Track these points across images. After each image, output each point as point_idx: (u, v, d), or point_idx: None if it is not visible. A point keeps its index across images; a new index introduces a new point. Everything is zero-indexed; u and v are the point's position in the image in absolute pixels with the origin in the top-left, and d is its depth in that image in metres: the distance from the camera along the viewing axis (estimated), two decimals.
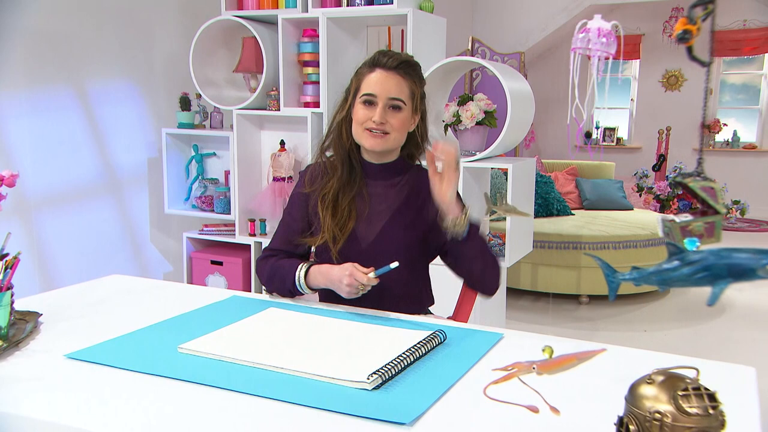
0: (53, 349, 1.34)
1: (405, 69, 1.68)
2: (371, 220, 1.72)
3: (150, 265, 3.80)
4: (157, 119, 3.68)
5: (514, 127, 2.87)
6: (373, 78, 1.66)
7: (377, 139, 1.66)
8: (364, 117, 1.66)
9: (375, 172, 1.75)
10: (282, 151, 3.32)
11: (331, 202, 1.71)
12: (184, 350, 1.34)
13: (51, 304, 1.64)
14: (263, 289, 3.32)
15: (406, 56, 1.70)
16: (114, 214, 3.53)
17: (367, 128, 1.66)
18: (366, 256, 1.68)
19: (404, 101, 1.67)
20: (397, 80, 1.66)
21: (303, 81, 3.28)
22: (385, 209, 1.72)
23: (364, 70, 1.70)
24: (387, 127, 1.66)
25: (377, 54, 1.70)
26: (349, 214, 1.70)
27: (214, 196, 3.54)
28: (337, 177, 1.73)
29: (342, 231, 1.69)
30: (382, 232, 1.70)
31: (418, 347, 1.34)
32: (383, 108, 1.65)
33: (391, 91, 1.65)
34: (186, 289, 1.92)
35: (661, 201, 5.33)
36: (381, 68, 1.67)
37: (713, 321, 4.15)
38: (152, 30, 3.59)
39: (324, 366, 1.25)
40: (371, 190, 1.74)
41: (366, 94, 1.66)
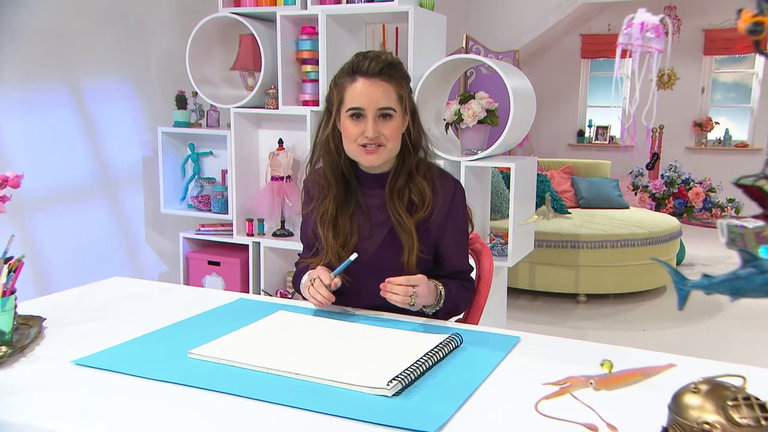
0: (59, 355, 1.30)
1: (388, 72, 1.58)
2: (372, 233, 1.66)
3: (145, 265, 3.75)
4: (152, 118, 3.63)
5: (516, 126, 2.84)
6: (357, 89, 1.56)
7: (373, 154, 1.59)
8: (356, 133, 1.58)
9: (371, 182, 1.68)
10: (280, 149, 3.28)
11: (331, 222, 1.65)
12: (194, 355, 1.31)
13: (53, 308, 1.60)
14: (262, 290, 3.30)
15: (386, 57, 1.60)
16: (109, 214, 3.48)
17: (361, 144, 1.58)
18: (369, 270, 1.62)
19: (394, 108, 1.58)
20: (382, 88, 1.56)
21: (302, 79, 3.24)
22: (386, 220, 1.65)
23: (344, 81, 1.59)
24: (381, 139, 1.58)
25: (355, 59, 1.60)
26: (350, 231, 1.65)
27: (211, 195, 3.49)
28: (333, 195, 1.66)
29: (345, 248, 1.64)
30: (384, 243, 1.65)
31: (436, 351, 1.31)
32: (374, 120, 1.56)
33: (380, 101, 1.56)
34: (191, 291, 1.88)
35: (657, 200, 5.33)
36: (363, 76, 1.56)
37: (711, 320, 4.15)
38: (148, 27, 3.54)
39: (341, 371, 1.22)
40: (369, 201, 1.68)
41: (352, 108, 1.57)
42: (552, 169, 5.64)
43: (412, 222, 1.62)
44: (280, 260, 3.40)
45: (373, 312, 1.61)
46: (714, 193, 5.34)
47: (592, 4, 7.57)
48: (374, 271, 1.60)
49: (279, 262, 3.40)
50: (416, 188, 1.65)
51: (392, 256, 1.63)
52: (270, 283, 3.37)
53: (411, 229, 1.61)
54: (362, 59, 1.58)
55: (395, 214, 1.63)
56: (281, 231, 3.32)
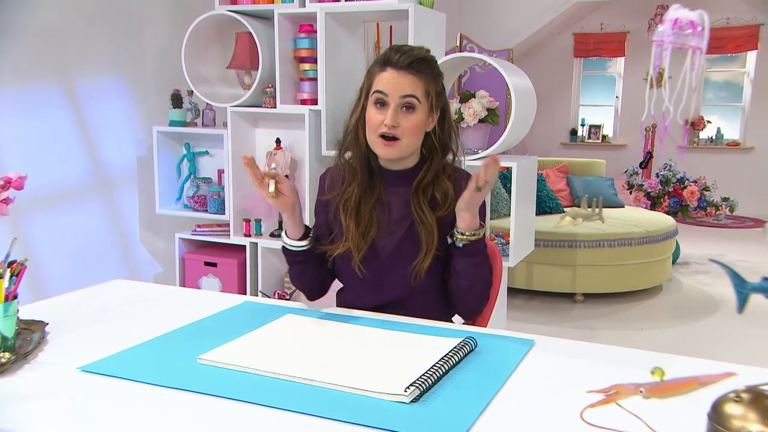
0: (64, 361, 1.26)
1: (418, 66, 1.57)
2: (391, 230, 1.65)
3: (140, 266, 3.70)
4: (147, 117, 3.58)
5: (518, 124, 2.82)
6: (384, 77, 1.57)
7: (388, 147, 1.58)
8: (377, 122, 1.57)
9: (393, 179, 1.67)
10: (278, 149, 3.24)
11: (354, 209, 1.63)
12: (204, 361, 1.27)
13: (54, 312, 1.55)
14: (259, 291, 3.26)
15: (419, 52, 1.59)
16: (103, 215, 3.43)
17: (380, 134, 1.57)
18: (385, 267, 1.63)
19: (418, 99, 1.57)
20: (409, 79, 1.56)
21: (299, 78, 3.21)
22: (405, 216, 1.64)
23: (375, 69, 1.61)
24: (398, 132, 1.56)
25: (388, 51, 1.60)
26: (370, 222, 1.63)
27: (207, 195, 3.45)
28: (358, 182, 1.65)
29: (364, 239, 1.62)
30: (401, 242, 1.63)
31: (451, 355, 1.28)
32: (395, 109, 1.55)
33: (404, 89, 1.55)
34: (194, 294, 1.84)
35: (652, 198, 5.33)
36: (392, 67, 1.57)
37: (708, 318, 4.15)
38: (142, 25, 3.49)
39: (356, 377, 1.19)
40: (390, 198, 1.66)
41: (377, 91, 1.57)
42: (547, 168, 5.63)
43: (434, 218, 1.61)
44: (278, 261, 3.37)
45: (382, 315, 1.58)
46: (709, 192, 5.35)
47: (585, 3, 7.58)
48: (392, 268, 1.60)
49: (276, 262, 3.36)
50: (440, 188, 1.64)
51: (410, 254, 1.61)
52: (267, 284, 3.33)
53: (432, 225, 1.60)
54: (394, 52, 1.58)
55: (418, 210, 1.61)
56: (279, 231, 3.29)
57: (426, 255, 1.59)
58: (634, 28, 8.40)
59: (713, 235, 6.75)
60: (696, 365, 1.26)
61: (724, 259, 5.78)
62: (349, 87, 3.22)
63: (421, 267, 1.59)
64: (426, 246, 1.59)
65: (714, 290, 4.69)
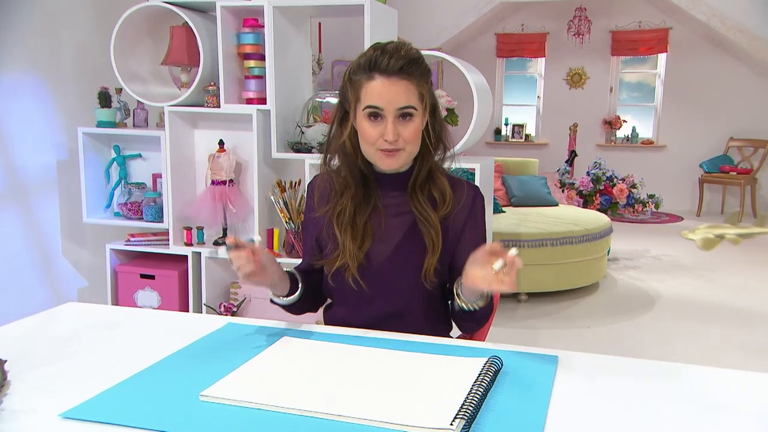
0: (39, 407, 1.06)
1: (409, 70, 1.42)
2: (386, 234, 1.53)
3: (63, 280, 3.39)
4: (68, 117, 3.28)
5: (480, 123, 2.75)
6: (375, 88, 1.41)
7: (391, 159, 1.46)
8: (374, 135, 1.43)
9: (387, 183, 1.55)
10: (221, 151, 3.03)
11: (349, 223, 1.51)
12: (207, 398, 1.10)
13: (7, 345, 1.33)
14: (204, 304, 3.03)
15: (407, 52, 1.44)
16: (19, 225, 3.11)
17: (380, 149, 1.44)
18: (380, 275, 1.51)
19: (415, 107, 1.44)
20: (403, 86, 1.41)
21: (244, 75, 3.01)
22: (401, 221, 1.53)
23: (361, 78, 1.43)
24: (400, 143, 1.44)
25: (373, 53, 1.43)
26: (365, 232, 1.51)
27: (141, 202, 3.18)
28: (351, 194, 1.52)
29: (360, 251, 1.50)
30: (399, 245, 1.52)
31: (483, 379, 1.16)
32: (393, 122, 1.42)
33: (400, 101, 1.41)
34: (166, 317, 1.63)
35: (584, 196, 5.43)
36: (382, 74, 1.41)
37: (646, 314, 4.23)
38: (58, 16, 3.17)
39: (391, 409, 1.05)
40: (385, 201, 1.55)
41: (370, 106, 1.42)
42: None
43: (436, 216, 1.51)
44: (223, 271, 3.15)
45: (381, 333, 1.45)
46: (636, 190, 5.50)
47: (507, 3, 7.66)
48: (388, 276, 1.50)
49: (221, 273, 3.15)
50: (436, 185, 1.53)
51: (409, 255, 1.51)
52: (212, 296, 3.11)
53: (436, 222, 1.50)
54: (380, 54, 1.41)
55: (419, 209, 1.51)
56: (223, 239, 3.07)
57: (432, 254, 1.49)
58: (553, 29, 8.59)
59: (636, 231, 6.97)
60: (706, 373, 1.21)
61: (649, 254, 5.97)
62: (297, 85, 3.05)
63: (429, 266, 1.49)
64: (431, 244, 1.49)
65: (647, 285, 4.81)
